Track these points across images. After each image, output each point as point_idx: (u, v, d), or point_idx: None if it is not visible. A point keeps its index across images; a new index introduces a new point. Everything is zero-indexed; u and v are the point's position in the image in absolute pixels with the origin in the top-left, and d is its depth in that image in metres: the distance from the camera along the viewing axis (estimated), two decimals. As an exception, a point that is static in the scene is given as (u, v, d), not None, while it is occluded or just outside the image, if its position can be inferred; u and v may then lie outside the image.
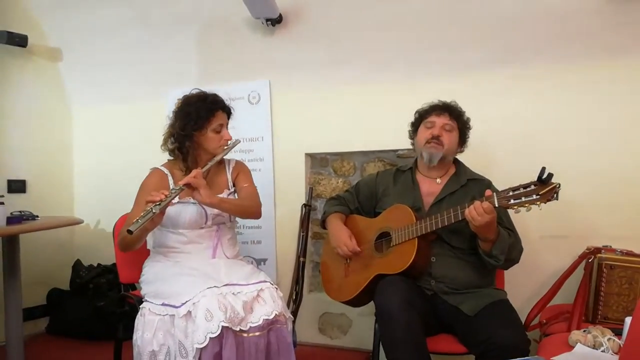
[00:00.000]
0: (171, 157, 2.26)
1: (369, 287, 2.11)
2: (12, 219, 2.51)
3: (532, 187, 1.76)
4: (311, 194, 3.09)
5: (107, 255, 3.15)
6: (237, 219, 2.36)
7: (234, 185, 2.31)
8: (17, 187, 3.34)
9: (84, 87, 3.67)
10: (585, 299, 2.08)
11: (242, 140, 3.14)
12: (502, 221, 1.99)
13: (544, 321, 2.12)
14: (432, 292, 2.06)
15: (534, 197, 1.75)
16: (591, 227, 2.44)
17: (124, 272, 2.41)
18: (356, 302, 2.24)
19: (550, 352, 1.65)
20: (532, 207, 1.77)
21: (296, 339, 2.27)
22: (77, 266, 3.45)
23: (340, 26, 2.86)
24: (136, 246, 2.07)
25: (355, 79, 2.94)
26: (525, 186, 1.78)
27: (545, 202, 1.74)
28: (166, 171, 2.21)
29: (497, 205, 1.83)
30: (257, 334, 1.88)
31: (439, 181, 2.22)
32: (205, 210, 2.16)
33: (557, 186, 1.73)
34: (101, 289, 3.26)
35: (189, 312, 1.84)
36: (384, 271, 2.07)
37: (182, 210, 2.15)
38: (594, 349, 1.63)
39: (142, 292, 2.15)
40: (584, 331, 1.72)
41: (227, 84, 3.17)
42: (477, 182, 2.20)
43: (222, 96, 2.25)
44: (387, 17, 2.74)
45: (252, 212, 2.26)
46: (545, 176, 1.72)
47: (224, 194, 2.23)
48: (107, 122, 3.66)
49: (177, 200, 2.11)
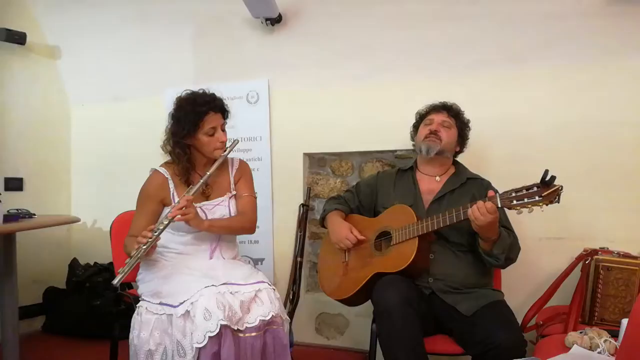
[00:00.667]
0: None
1: (367, 285, 2.11)
2: (9, 217, 2.51)
3: (535, 188, 1.77)
4: (309, 194, 3.09)
5: (103, 254, 3.15)
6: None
7: (236, 188, 2.26)
8: (14, 185, 3.34)
9: (82, 85, 3.67)
10: (582, 300, 2.08)
11: (241, 139, 3.14)
12: (501, 220, 2.00)
13: (541, 322, 2.12)
14: (430, 290, 2.07)
15: (537, 198, 1.76)
16: (588, 229, 2.44)
17: (120, 271, 2.40)
18: (353, 300, 2.24)
19: (546, 354, 1.65)
20: (534, 208, 1.78)
21: (293, 339, 2.26)
22: (74, 265, 3.45)
23: (339, 26, 2.86)
24: None
25: (354, 79, 2.94)
26: (528, 188, 1.80)
27: (547, 204, 1.76)
28: (167, 175, 2.15)
29: (499, 205, 1.84)
30: (253, 334, 1.87)
31: (438, 179, 2.25)
32: (205, 213, 2.14)
33: (560, 188, 1.74)
34: (97, 287, 3.25)
35: (187, 312, 1.84)
36: (383, 270, 2.07)
37: None
38: (590, 350, 1.63)
39: (139, 291, 2.14)
40: (581, 333, 1.73)
41: (225, 83, 3.16)
42: (477, 182, 2.23)
43: (219, 94, 2.18)
44: (385, 17, 2.75)
45: (243, 231, 2.24)
46: (548, 178, 1.73)
47: (225, 199, 2.20)
48: (105, 120, 3.65)
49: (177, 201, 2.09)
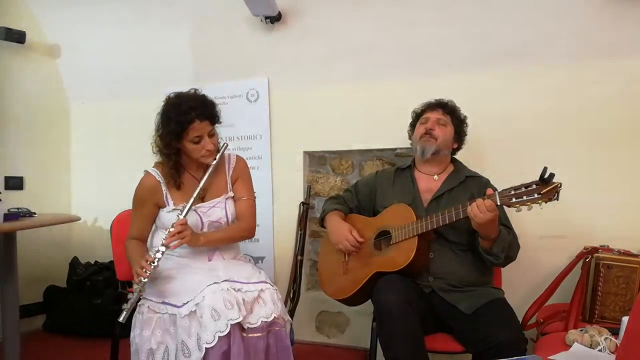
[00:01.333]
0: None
1: (367, 285, 2.11)
2: (9, 216, 2.50)
3: (534, 186, 1.77)
4: (309, 192, 3.09)
5: (104, 252, 3.16)
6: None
7: (233, 189, 2.21)
8: (14, 184, 3.34)
9: (82, 83, 3.66)
10: (582, 298, 2.08)
11: (241, 138, 3.16)
12: (500, 218, 1.99)
13: (541, 320, 2.13)
14: (430, 289, 2.07)
15: (536, 196, 1.76)
16: (589, 226, 2.44)
17: (121, 269, 2.40)
18: (353, 300, 2.24)
19: (547, 351, 1.65)
20: (534, 206, 1.78)
21: (294, 337, 2.26)
22: (75, 263, 3.45)
23: (339, 24, 2.86)
24: None
25: (354, 77, 2.93)
26: (527, 185, 1.80)
27: (546, 202, 1.76)
28: (158, 177, 2.10)
29: (499, 203, 1.84)
30: (256, 335, 1.87)
31: (436, 178, 2.24)
32: (200, 217, 2.11)
33: (559, 186, 1.74)
34: (98, 286, 3.25)
35: (192, 312, 1.83)
36: (383, 269, 2.07)
37: (176, 216, 2.07)
38: (590, 348, 1.63)
39: (141, 290, 2.14)
40: (581, 330, 1.73)
41: (225, 81, 3.17)
42: (476, 180, 2.22)
43: (215, 93, 2.09)
44: (385, 15, 2.74)
45: (243, 238, 2.21)
46: (547, 175, 1.73)
47: (222, 200, 2.15)
48: (105, 118, 3.65)
49: (172, 207, 2.08)
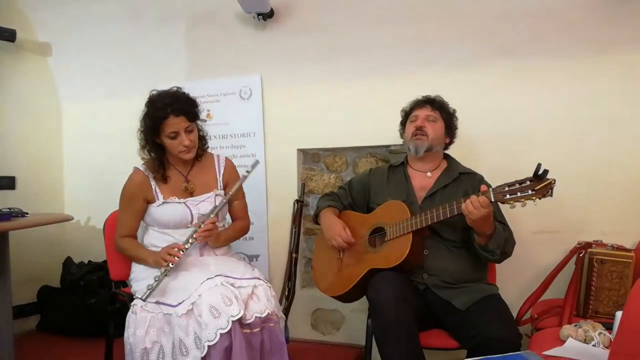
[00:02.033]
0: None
1: (362, 281, 2.11)
2: (1, 216, 2.49)
3: (528, 182, 1.77)
4: (303, 189, 3.08)
5: (97, 252, 3.14)
6: (227, 218, 2.35)
7: (224, 188, 2.25)
8: (6, 183, 3.31)
9: (74, 82, 3.64)
10: (576, 293, 2.09)
11: (234, 135, 3.15)
12: (495, 215, 2.00)
13: (536, 316, 2.13)
14: (425, 286, 2.06)
15: (530, 192, 1.76)
16: (582, 222, 2.45)
17: (114, 269, 2.39)
18: (348, 297, 2.24)
19: (541, 347, 1.66)
20: (528, 202, 1.78)
21: (289, 335, 2.27)
22: (68, 263, 3.43)
23: (332, 21, 2.85)
24: None
25: (348, 74, 2.92)
26: (520, 182, 1.80)
27: (540, 198, 1.76)
28: (147, 172, 2.15)
29: (493, 200, 1.84)
30: (253, 330, 1.88)
31: (429, 175, 2.24)
32: (190, 209, 2.13)
33: (553, 182, 1.74)
34: (92, 286, 3.23)
35: (189, 311, 1.84)
36: (377, 266, 2.07)
37: (166, 210, 2.13)
38: (585, 343, 1.64)
39: (133, 290, 2.14)
40: (575, 325, 1.74)
41: (218, 78, 3.15)
42: (469, 176, 2.22)
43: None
44: (378, 12, 2.73)
45: (242, 235, 2.35)
46: (540, 172, 1.73)
47: (211, 195, 2.18)
48: (97, 117, 3.62)
49: (162, 200, 2.12)
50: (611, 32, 2.40)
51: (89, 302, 3.17)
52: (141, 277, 2.10)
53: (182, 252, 1.97)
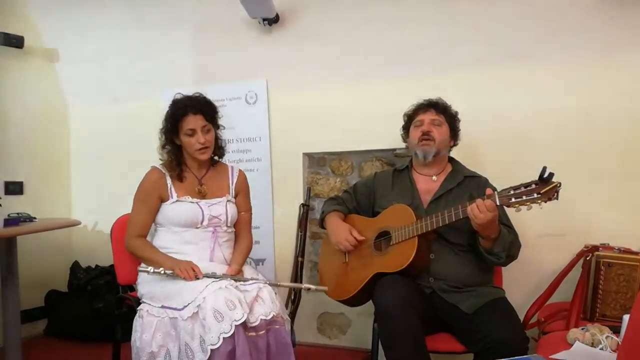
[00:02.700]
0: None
1: (368, 286, 2.11)
2: (10, 221, 2.51)
3: (533, 186, 1.77)
4: (309, 193, 3.08)
5: (105, 256, 3.14)
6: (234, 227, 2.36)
7: (235, 197, 2.32)
8: (14, 188, 3.33)
9: (81, 87, 3.66)
10: (583, 296, 2.08)
11: (240, 140, 3.16)
12: (500, 218, 1.99)
13: (542, 319, 2.12)
14: (431, 290, 2.06)
15: (535, 195, 1.75)
16: (589, 225, 2.43)
17: (121, 273, 2.40)
18: (354, 301, 2.24)
19: (548, 350, 1.65)
20: (533, 205, 1.77)
21: (295, 338, 2.26)
22: (75, 268, 3.45)
23: (337, 25, 2.86)
24: None
25: (352, 78, 2.93)
26: (526, 185, 1.79)
27: (546, 201, 1.75)
28: (164, 170, 2.21)
29: (498, 203, 1.84)
30: (259, 333, 1.88)
31: (434, 178, 2.23)
32: (202, 209, 2.16)
33: (558, 185, 1.73)
34: (99, 290, 3.25)
35: (194, 314, 1.85)
36: (383, 270, 2.07)
37: (179, 208, 2.15)
38: (592, 346, 1.63)
39: (139, 294, 2.15)
40: (582, 329, 1.73)
41: (224, 83, 3.17)
42: (474, 180, 2.21)
43: (216, 95, 2.26)
44: (383, 16, 2.74)
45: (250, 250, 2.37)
46: (546, 175, 1.73)
47: (223, 200, 2.23)
48: (104, 122, 3.64)
49: (175, 198, 2.16)
50: (618, 33, 2.39)
51: (96, 307, 3.18)
52: (147, 281, 2.11)
53: (198, 278, 1.98)
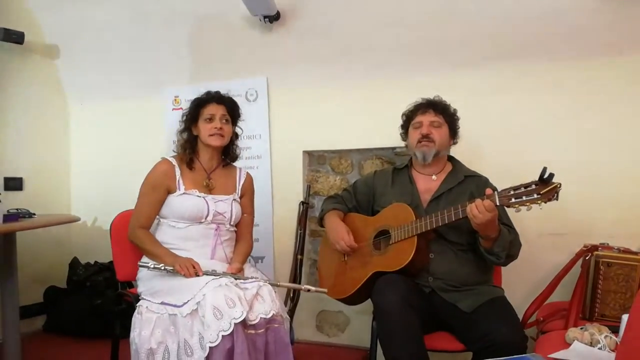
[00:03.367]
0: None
1: (367, 284, 2.11)
2: (9, 217, 2.51)
3: (533, 186, 1.77)
4: (309, 191, 3.08)
5: (104, 253, 3.15)
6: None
7: (241, 197, 2.36)
8: (14, 184, 3.34)
9: (81, 84, 3.66)
10: (582, 296, 2.08)
11: (240, 137, 3.15)
12: (501, 217, 1.99)
13: (541, 318, 2.12)
14: (430, 289, 2.06)
15: (535, 196, 1.75)
16: (588, 224, 2.44)
17: (121, 269, 2.40)
18: (353, 299, 2.24)
19: (547, 350, 1.66)
20: (533, 206, 1.77)
21: (294, 337, 2.27)
22: (74, 264, 3.45)
23: (337, 23, 2.85)
24: None
25: (353, 76, 2.93)
26: (526, 185, 1.79)
27: (545, 202, 1.75)
28: (174, 162, 2.24)
29: (498, 203, 1.83)
30: (259, 331, 1.88)
31: (434, 178, 2.22)
32: (208, 204, 2.17)
33: (558, 186, 1.73)
34: (98, 286, 3.25)
35: (194, 311, 1.85)
36: (382, 269, 2.07)
37: (185, 200, 2.16)
38: (591, 346, 1.63)
39: (139, 290, 2.15)
40: (581, 328, 1.73)
41: (224, 81, 3.16)
42: (474, 179, 2.21)
43: (223, 92, 2.32)
44: (384, 14, 2.74)
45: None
46: (546, 176, 1.72)
47: (230, 198, 2.26)
48: (104, 119, 3.65)
49: (182, 190, 2.18)
50: (618, 33, 2.39)
51: (95, 303, 3.18)
52: (147, 278, 2.11)
53: (198, 275, 1.98)
